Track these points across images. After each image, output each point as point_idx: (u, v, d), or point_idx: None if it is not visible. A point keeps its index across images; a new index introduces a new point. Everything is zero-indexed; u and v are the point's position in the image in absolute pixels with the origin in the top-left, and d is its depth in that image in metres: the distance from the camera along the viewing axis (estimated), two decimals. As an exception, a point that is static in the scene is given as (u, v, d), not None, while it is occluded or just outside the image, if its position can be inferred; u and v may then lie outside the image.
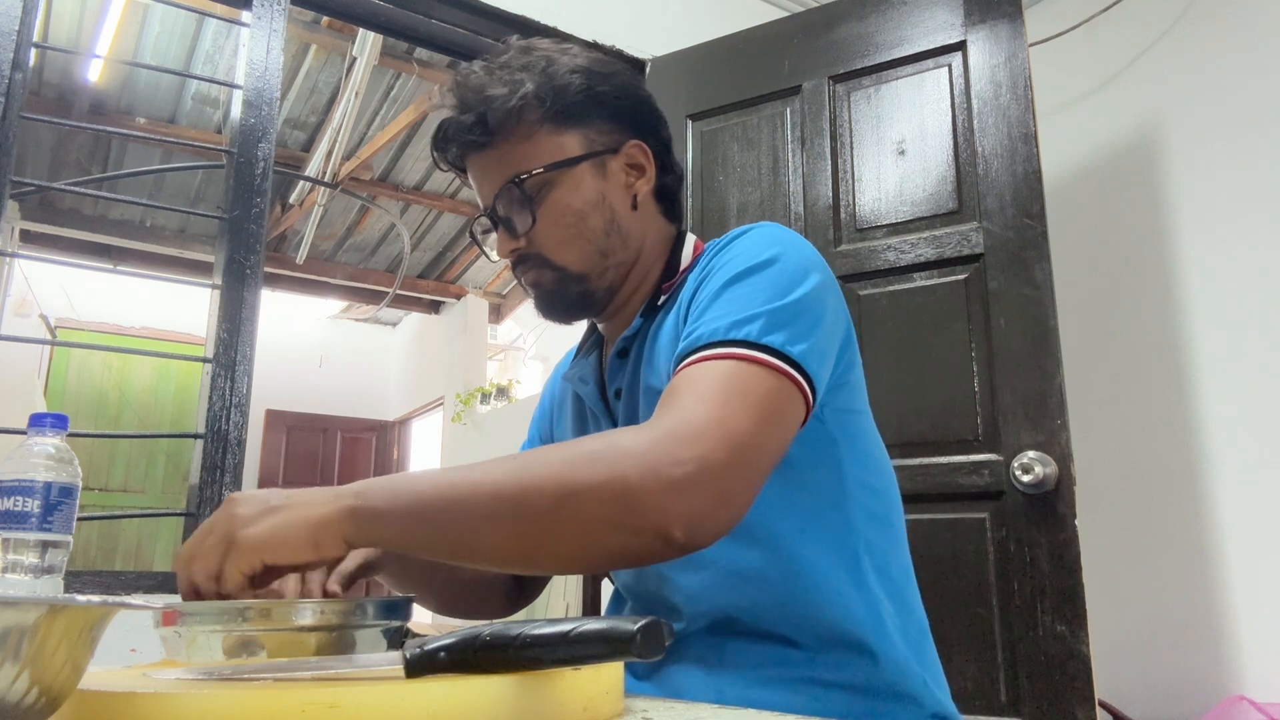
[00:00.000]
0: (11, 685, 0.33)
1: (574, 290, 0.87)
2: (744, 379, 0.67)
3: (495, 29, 2.12)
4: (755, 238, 0.80)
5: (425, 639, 0.46)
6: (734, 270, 0.76)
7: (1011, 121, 1.72)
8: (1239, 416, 2.01)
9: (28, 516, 0.80)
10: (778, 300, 0.72)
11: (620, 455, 0.61)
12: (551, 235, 0.85)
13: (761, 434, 0.65)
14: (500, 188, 0.84)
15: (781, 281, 0.74)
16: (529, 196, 0.84)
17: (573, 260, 0.86)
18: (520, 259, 0.87)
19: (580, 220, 0.85)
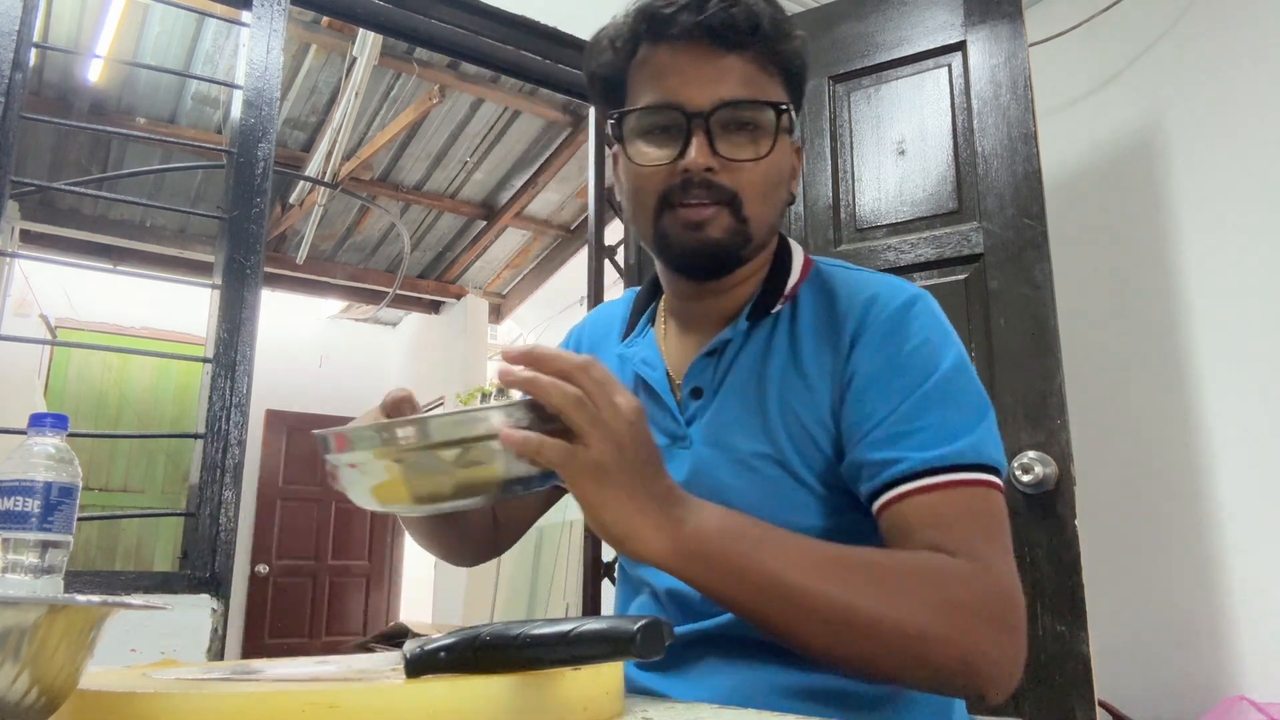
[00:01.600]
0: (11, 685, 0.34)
1: (737, 245, 0.80)
2: (1002, 512, 0.71)
3: (495, 29, 2.12)
4: (933, 321, 0.79)
5: (425, 639, 0.46)
6: (938, 368, 0.75)
7: (1011, 121, 1.72)
8: (1239, 416, 2.01)
9: (28, 516, 0.80)
10: (985, 410, 0.75)
11: (977, 620, 0.64)
12: (762, 179, 0.79)
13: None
14: (743, 100, 0.77)
15: (975, 384, 0.76)
16: (776, 128, 0.79)
17: (757, 214, 0.80)
18: (705, 184, 0.77)
19: (780, 185, 0.82)
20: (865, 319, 0.78)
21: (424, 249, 5.96)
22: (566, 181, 4.96)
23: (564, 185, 5.02)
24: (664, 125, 0.79)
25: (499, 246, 5.87)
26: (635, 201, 0.82)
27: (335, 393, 6.86)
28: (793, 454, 0.78)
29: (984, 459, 0.71)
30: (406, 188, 5.11)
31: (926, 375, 0.74)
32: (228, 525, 1.56)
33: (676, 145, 0.77)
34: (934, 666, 0.63)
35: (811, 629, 0.63)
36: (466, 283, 6.46)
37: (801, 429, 0.78)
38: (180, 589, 1.52)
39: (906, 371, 0.75)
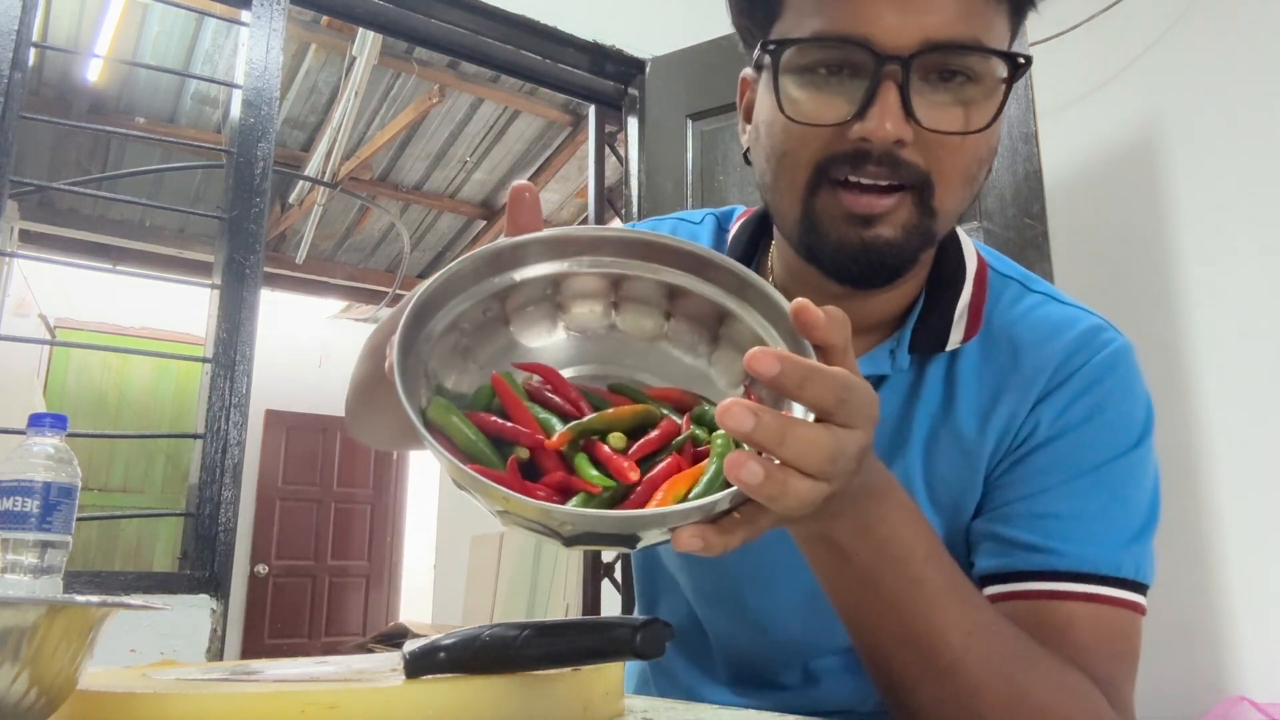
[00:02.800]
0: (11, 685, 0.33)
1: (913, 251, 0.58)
2: (1140, 647, 0.60)
3: (495, 29, 2.12)
4: (1129, 388, 0.63)
5: (425, 639, 0.46)
6: (1116, 450, 0.60)
7: (1011, 121, 1.72)
8: (1239, 416, 2.01)
9: (27, 516, 0.80)
10: (1154, 509, 0.61)
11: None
12: (963, 164, 0.56)
13: None
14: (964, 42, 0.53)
15: (1151, 470, 0.62)
16: (1004, 87, 0.55)
17: (949, 209, 0.58)
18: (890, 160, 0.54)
19: (985, 164, 0.58)
20: (1064, 370, 0.62)
21: (424, 249, 5.96)
22: (566, 181, 4.96)
23: (564, 185, 5.02)
24: (839, 64, 0.55)
25: (499, 246, 5.86)
26: (778, 167, 0.58)
27: (335, 393, 6.85)
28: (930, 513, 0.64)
29: (1141, 577, 0.59)
30: (406, 188, 5.11)
31: (1113, 455, 0.60)
32: (227, 525, 1.56)
33: (853, 98, 0.54)
34: None
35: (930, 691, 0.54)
36: (466, 283, 6.46)
37: (944, 487, 0.63)
38: (180, 589, 1.52)
39: (1092, 445, 0.60)
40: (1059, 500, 0.59)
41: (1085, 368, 0.62)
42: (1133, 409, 0.62)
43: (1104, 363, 0.62)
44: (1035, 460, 0.61)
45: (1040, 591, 0.58)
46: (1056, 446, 0.60)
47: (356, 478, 6.81)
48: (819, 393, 0.39)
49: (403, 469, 7.03)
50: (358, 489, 6.73)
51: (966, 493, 0.63)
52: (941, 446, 0.63)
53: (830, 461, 0.39)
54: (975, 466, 0.63)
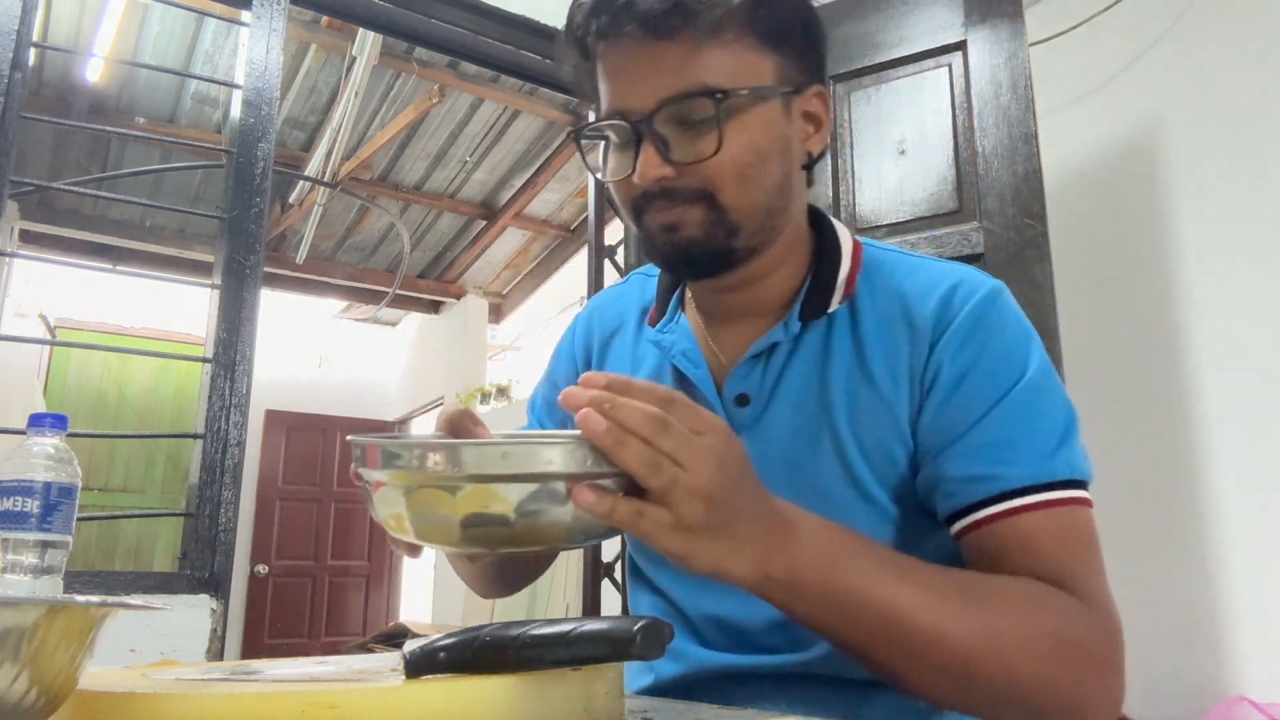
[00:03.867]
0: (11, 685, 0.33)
1: (720, 241, 0.70)
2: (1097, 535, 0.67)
3: (495, 29, 2.12)
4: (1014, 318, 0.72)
5: (425, 639, 0.46)
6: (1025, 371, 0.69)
7: (1011, 121, 1.72)
8: (1239, 416, 2.01)
9: (27, 516, 0.80)
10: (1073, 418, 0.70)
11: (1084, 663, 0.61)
12: (727, 170, 0.68)
13: None
14: (677, 95, 0.67)
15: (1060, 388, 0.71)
16: (720, 117, 0.67)
17: (739, 205, 0.69)
18: (664, 191, 0.69)
19: (761, 163, 0.70)
20: (946, 315, 0.71)
21: (424, 249, 5.96)
22: (566, 181, 4.96)
23: (564, 185, 5.02)
24: (618, 135, 0.71)
25: (499, 246, 5.87)
26: (618, 208, 0.75)
27: (335, 393, 6.86)
28: (866, 472, 0.71)
29: (1077, 474, 0.66)
30: (406, 188, 5.11)
31: (1014, 380, 0.68)
32: (227, 525, 1.56)
33: (631, 156, 0.69)
34: (1035, 709, 0.60)
35: (918, 670, 0.59)
36: (466, 283, 6.46)
37: (876, 443, 0.71)
38: (180, 589, 1.52)
39: (993, 375, 0.68)
40: (985, 431, 0.67)
41: (963, 313, 0.71)
42: (1016, 337, 0.71)
43: (978, 306, 0.71)
44: (952, 403, 0.69)
45: (994, 515, 0.65)
46: (964, 387, 0.69)
47: (356, 478, 6.80)
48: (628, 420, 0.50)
49: (403, 469, 7.01)
50: (358, 488, 6.71)
51: (895, 445, 0.71)
52: (863, 404, 0.72)
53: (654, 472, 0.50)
54: (896, 416, 0.71)
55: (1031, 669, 0.59)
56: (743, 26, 0.68)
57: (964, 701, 0.61)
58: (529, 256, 6.09)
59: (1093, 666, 0.61)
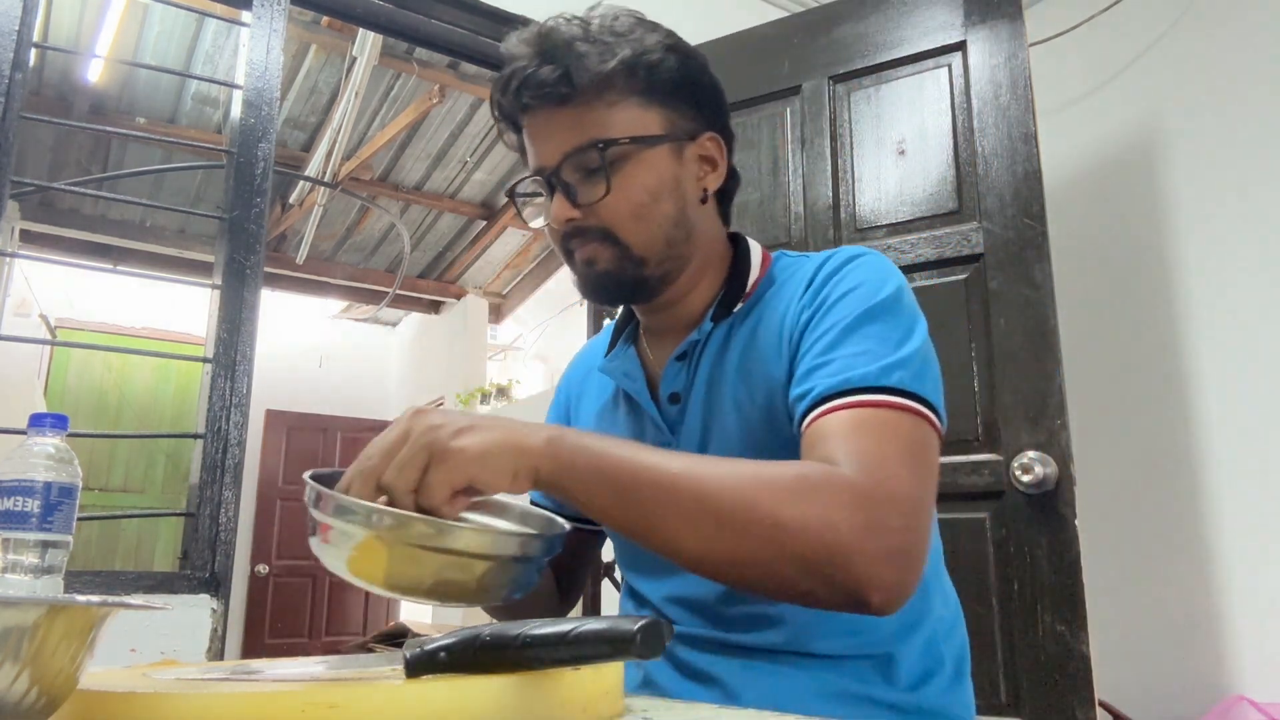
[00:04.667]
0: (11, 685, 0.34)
1: (630, 272, 0.82)
2: (919, 438, 0.69)
3: (495, 29, 2.12)
4: (869, 269, 0.80)
5: (425, 639, 0.46)
6: (862, 306, 0.76)
7: (1011, 121, 1.72)
8: (1239, 416, 2.01)
9: (28, 516, 0.80)
10: (912, 344, 0.74)
11: (836, 502, 0.62)
12: (620, 209, 0.80)
13: (933, 500, 0.68)
14: (573, 150, 0.80)
15: (907, 323, 0.76)
16: (606, 165, 0.80)
17: (637, 240, 0.81)
18: (576, 231, 0.82)
19: (653, 201, 0.82)
20: (813, 276, 0.81)
21: (424, 249, 5.96)
22: (566, 181, 4.95)
23: (564, 185, 5.01)
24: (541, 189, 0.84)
25: (499, 246, 5.87)
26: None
27: (335, 393, 6.86)
28: (767, 435, 0.78)
29: (891, 382, 0.70)
30: (406, 188, 5.11)
31: (853, 314, 0.75)
32: (228, 525, 1.56)
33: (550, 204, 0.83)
34: (799, 557, 0.61)
35: (676, 525, 0.63)
36: (466, 283, 6.47)
37: (768, 403, 0.79)
38: (180, 589, 1.52)
39: (836, 307, 0.77)
40: (819, 355, 0.74)
41: (828, 268, 0.81)
42: (869, 281, 0.78)
43: (836, 266, 0.81)
44: (804, 339, 0.78)
45: (809, 421, 0.71)
46: (812, 321, 0.78)
47: (357, 478, 6.80)
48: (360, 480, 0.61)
49: (403, 469, 7.02)
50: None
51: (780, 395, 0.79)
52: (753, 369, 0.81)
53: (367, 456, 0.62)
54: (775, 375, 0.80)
55: (776, 511, 0.61)
56: (625, 88, 0.81)
57: (734, 556, 0.63)
58: (529, 256, 6.09)
59: (845, 512, 0.62)
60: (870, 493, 0.63)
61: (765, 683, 0.76)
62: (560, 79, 0.79)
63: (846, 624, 0.75)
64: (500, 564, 0.58)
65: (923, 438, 0.69)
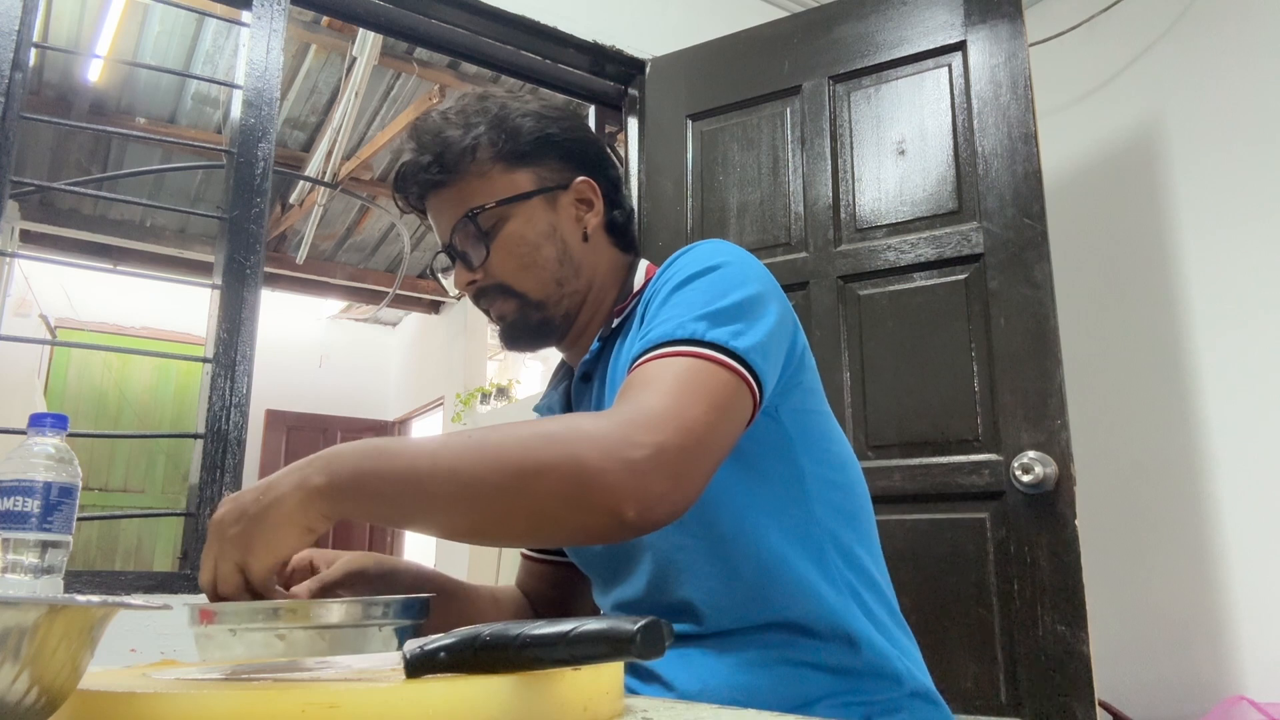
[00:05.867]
0: (11, 685, 0.33)
1: (534, 318, 0.91)
2: (695, 373, 0.69)
3: (495, 29, 2.12)
4: (699, 251, 0.84)
5: (425, 639, 0.46)
6: (679, 279, 0.80)
7: (1011, 121, 1.72)
8: (1239, 416, 2.01)
9: (28, 516, 0.80)
10: (720, 301, 0.75)
11: (578, 437, 0.63)
12: (506, 264, 0.89)
13: (713, 423, 0.67)
14: (456, 223, 0.89)
15: (722, 284, 0.77)
16: (484, 230, 0.89)
17: (530, 288, 0.90)
18: (481, 292, 0.91)
19: (534, 250, 0.89)
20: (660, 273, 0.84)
21: (424, 249, 5.96)
22: (566, 181, 4.95)
23: (564, 185, 5.01)
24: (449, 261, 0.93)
25: (499, 246, 5.87)
26: None
27: (335, 393, 6.87)
28: None
29: (680, 335, 0.72)
30: (406, 188, 5.10)
31: (675, 284, 0.79)
32: (228, 525, 1.56)
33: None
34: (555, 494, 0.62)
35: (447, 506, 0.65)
36: (466, 283, 6.46)
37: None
38: (180, 589, 1.52)
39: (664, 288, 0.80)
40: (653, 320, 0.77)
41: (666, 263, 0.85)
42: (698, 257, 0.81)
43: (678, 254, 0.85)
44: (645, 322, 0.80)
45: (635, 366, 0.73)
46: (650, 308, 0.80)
47: (357, 478, 6.81)
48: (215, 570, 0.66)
49: (403, 469, 7.02)
50: (358, 489, 6.72)
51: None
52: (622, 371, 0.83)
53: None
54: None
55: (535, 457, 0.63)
56: (491, 158, 0.89)
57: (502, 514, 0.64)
58: (529, 256, 6.08)
59: (588, 442, 0.63)
60: (620, 420, 0.65)
61: (695, 665, 0.79)
62: (432, 165, 0.88)
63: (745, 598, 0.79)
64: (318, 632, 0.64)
65: (701, 374, 0.70)
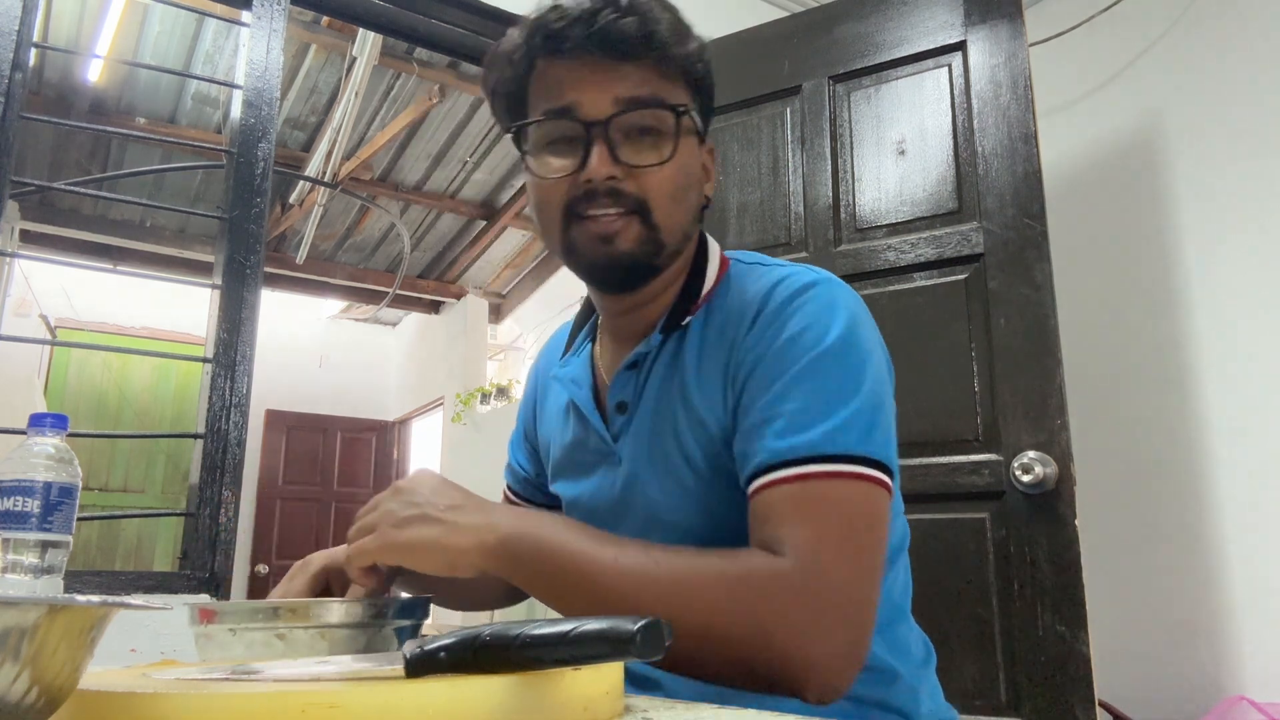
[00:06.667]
0: (11, 685, 0.33)
1: (648, 257, 0.78)
2: (864, 507, 0.67)
3: (495, 29, 2.12)
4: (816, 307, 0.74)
5: (425, 639, 0.46)
6: (807, 354, 0.71)
7: (1011, 121, 1.72)
8: (1239, 416, 2.01)
9: (28, 516, 0.80)
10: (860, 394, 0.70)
11: (771, 610, 0.62)
12: (664, 186, 0.76)
13: (877, 578, 0.67)
14: (640, 100, 0.75)
15: (856, 367, 0.72)
16: (677, 131, 0.77)
17: (668, 222, 0.77)
18: (613, 194, 0.75)
19: (689, 189, 0.80)
20: (760, 308, 0.76)
21: (424, 249, 5.96)
22: (566, 181, 4.95)
23: (564, 185, 5.01)
24: (565, 136, 0.77)
25: (499, 246, 5.87)
26: (542, 214, 0.80)
27: (335, 393, 6.87)
28: (703, 462, 0.77)
29: (840, 448, 0.67)
30: (406, 188, 5.11)
31: (796, 362, 0.71)
32: (228, 525, 1.56)
33: (578, 155, 0.75)
34: (733, 661, 0.62)
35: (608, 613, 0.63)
36: (466, 283, 6.47)
37: (706, 434, 0.76)
38: (180, 589, 1.52)
39: (783, 356, 0.72)
40: (762, 410, 0.71)
41: (773, 304, 0.76)
42: (817, 323, 0.73)
43: (787, 297, 0.75)
44: (748, 385, 0.73)
45: (756, 489, 0.69)
46: (758, 369, 0.73)
47: (357, 478, 6.81)
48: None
49: (403, 469, 7.03)
50: (358, 489, 6.73)
51: (718, 427, 0.76)
52: (696, 393, 0.78)
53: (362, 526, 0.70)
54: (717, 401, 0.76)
55: (710, 623, 0.61)
56: (682, 74, 0.79)
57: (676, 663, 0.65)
58: (529, 256, 6.09)
59: (778, 617, 0.61)
60: (808, 592, 0.62)
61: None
62: (643, 35, 0.74)
63: None
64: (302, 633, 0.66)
65: (869, 507, 0.67)
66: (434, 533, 0.65)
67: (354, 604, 0.66)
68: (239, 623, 0.64)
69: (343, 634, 0.65)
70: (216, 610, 0.65)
